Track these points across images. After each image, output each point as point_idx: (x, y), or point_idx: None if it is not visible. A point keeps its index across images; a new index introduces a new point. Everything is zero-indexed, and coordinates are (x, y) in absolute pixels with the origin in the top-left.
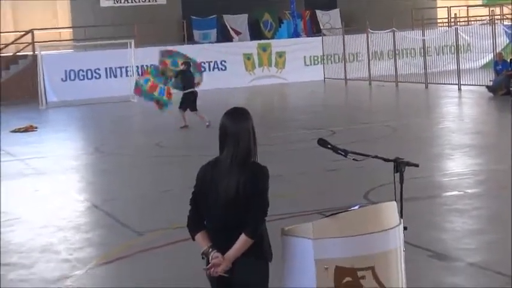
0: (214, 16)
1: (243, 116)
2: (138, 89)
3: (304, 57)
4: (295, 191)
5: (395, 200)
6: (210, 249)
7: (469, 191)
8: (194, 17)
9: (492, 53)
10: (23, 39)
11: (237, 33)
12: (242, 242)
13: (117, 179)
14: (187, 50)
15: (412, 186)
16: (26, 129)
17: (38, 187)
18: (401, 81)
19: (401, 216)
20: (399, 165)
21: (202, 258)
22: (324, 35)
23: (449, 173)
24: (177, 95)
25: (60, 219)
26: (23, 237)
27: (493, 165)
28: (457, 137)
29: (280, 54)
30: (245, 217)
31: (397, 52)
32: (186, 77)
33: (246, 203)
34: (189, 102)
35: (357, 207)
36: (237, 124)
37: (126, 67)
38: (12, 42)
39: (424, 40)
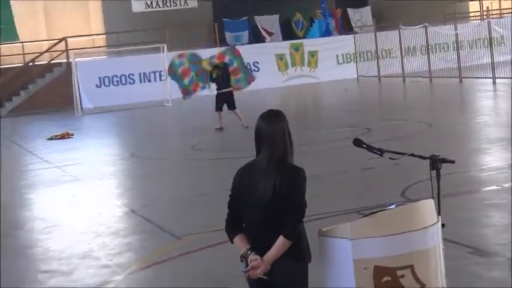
0: (245, 18)
1: (277, 118)
2: (171, 69)
3: (337, 55)
4: (332, 191)
5: (432, 198)
6: (249, 252)
7: (507, 185)
8: (226, 19)
9: None
10: (56, 47)
11: (269, 33)
12: (280, 243)
13: (154, 184)
14: None
15: (450, 182)
16: (63, 136)
17: (76, 193)
18: (435, 77)
19: (439, 213)
20: (435, 163)
21: (241, 261)
22: (356, 32)
23: (487, 167)
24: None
25: (98, 224)
26: (61, 244)
27: None
28: (493, 130)
29: (313, 54)
30: (283, 219)
31: (430, 47)
32: (222, 77)
33: (284, 205)
34: (223, 101)
35: (394, 206)
36: (272, 126)
37: (160, 71)
38: (47, 51)
39: (456, 34)
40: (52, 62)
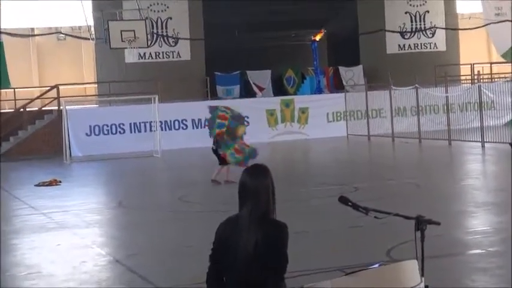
0: (237, 72)
1: (262, 173)
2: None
3: (327, 113)
4: (317, 248)
5: (416, 259)
6: None
7: (492, 249)
8: (218, 73)
9: None
10: (48, 94)
11: (260, 89)
12: None
13: (140, 234)
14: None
15: (435, 244)
16: (50, 183)
17: (60, 241)
18: (424, 138)
19: (422, 274)
20: (421, 223)
21: None
22: (347, 91)
23: (473, 230)
24: None
25: (82, 273)
26: None
27: None
28: (480, 194)
29: (303, 110)
30: (264, 274)
31: (420, 109)
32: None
33: (265, 260)
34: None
35: (377, 265)
36: (256, 181)
37: (150, 122)
38: (38, 97)
39: (447, 97)
40: (43, 109)
